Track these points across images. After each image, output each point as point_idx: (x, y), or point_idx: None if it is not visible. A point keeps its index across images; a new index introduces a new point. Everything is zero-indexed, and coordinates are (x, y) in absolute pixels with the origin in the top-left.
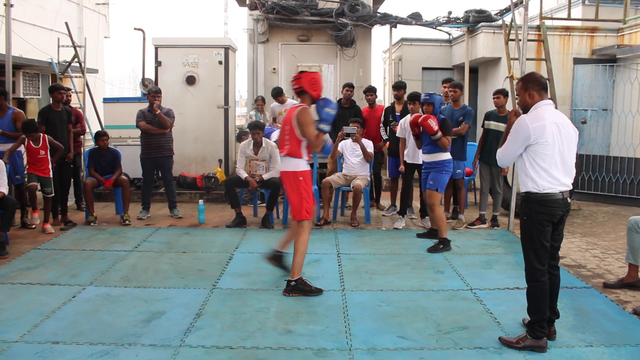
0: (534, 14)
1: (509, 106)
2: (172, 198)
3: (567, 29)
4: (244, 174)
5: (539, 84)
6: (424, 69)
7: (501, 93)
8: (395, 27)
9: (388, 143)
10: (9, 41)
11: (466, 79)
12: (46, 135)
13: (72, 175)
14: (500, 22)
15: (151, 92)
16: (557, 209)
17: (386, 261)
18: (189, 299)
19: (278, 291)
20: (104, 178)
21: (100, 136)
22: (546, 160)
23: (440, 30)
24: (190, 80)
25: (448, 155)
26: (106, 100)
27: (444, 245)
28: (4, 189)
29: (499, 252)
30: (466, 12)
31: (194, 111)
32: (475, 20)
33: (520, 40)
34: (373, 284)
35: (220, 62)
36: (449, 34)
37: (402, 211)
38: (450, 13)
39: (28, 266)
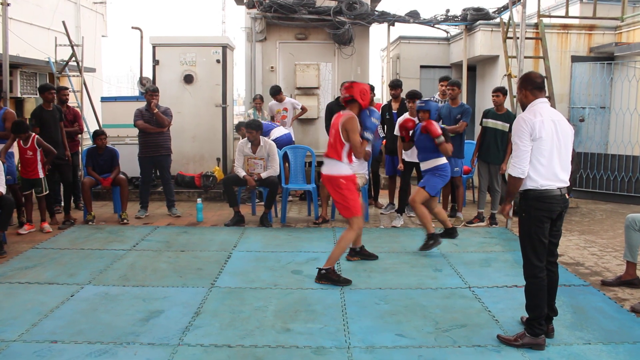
0: (531, 12)
1: (507, 104)
2: (170, 197)
3: (565, 26)
4: (242, 173)
5: (532, 84)
6: (421, 67)
7: (500, 91)
8: (393, 25)
9: (385, 141)
10: (6, 40)
11: (464, 77)
12: (36, 136)
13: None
14: (498, 20)
15: (149, 90)
16: (556, 205)
17: (384, 259)
18: (187, 297)
19: (276, 290)
20: (102, 177)
21: (98, 135)
22: (544, 157)
23: (438, 28)
24: (188, 79)
25: (444, 160)
26: (104, 99)
27: (434, 241)
28: (2, 188)
29: (497, 250)
30: (464, 10)
31: (191, 110)
32: (473, 18)
33: (518, 38)
34: (371, 282)
35: (218, 61)
36: (447, 32)
37: (400, 209)
38: (448, 11)
39: (26, 265)
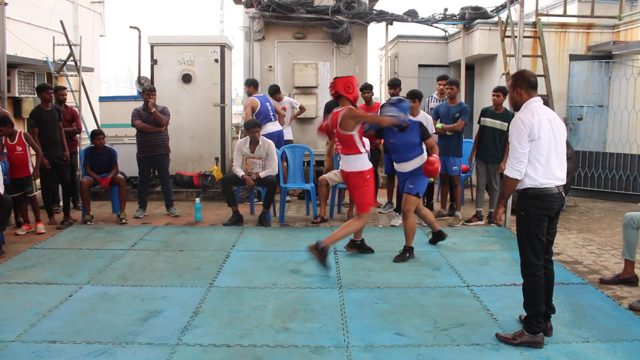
0: (529, 11)
1: (506, 104)
2: (168, 196)
3: (563, 25)
4: (240, 172)
5: (527, 82)
6: (420, 66)
7: (501, 91)
8: (391, 24)
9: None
10: (3, 40)
11: (462, 76)
12: (22, 131)
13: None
14: (496, 19)
15: (145, 90)
16: (554, 203)
17: (383, 258)
18: (186, 297)
19: (275, 289)
20: (100, 177)
21: (96, 135)
22: (543, 156)
23: (436, 27)
24: (187, 79)
25: (424, 158)
26: (102, 99)
27: (409, 254)
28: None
29: (496, 249)
30: (462, 9)
31: (190, 109)
32: (471, 17)
33: (516, 37)
34: (370, 281)
35: (217, 60)
36: (445, 31)
37: (398, 208)
38: (446, 10)
39: (24, 265)
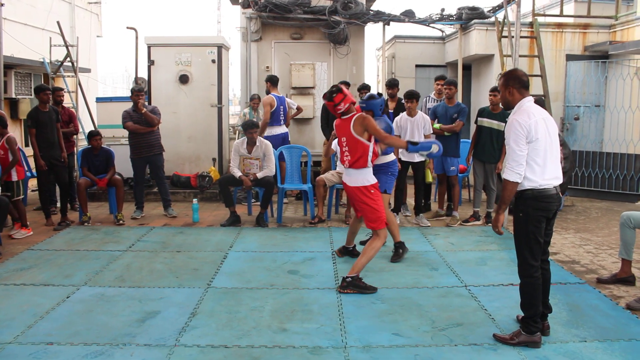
0: (526, 11)
1: None
2: (165, 197)
3: (560, 25)
4: (238, 173)
5: (520, 82)
6: (417, 66)
7: (498, 91)
8: (389, 24)
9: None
10: (0, 40)
11: (459, 76)
12: (8, 136)
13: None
14: (493, 19)
15: (134, 91)
16: (552, 204)
17: (380, 258)
18: (183, 298)
19: (273, 290)
20: (97, 178)
21: (93, 136)
22: (540, 157)
23: (433, 28)
24: (184, 79)
25: (393, 157)
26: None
27: (402, 250)
28: None
29: (493, 249)
30: (459, 9)
31: (187, 110)
32: (468, 18)
33: (513, 37)
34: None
35: (214, 61)
36: (442, 31)
37: (396, 208)
38: (443, 10)
39: (22, 267)
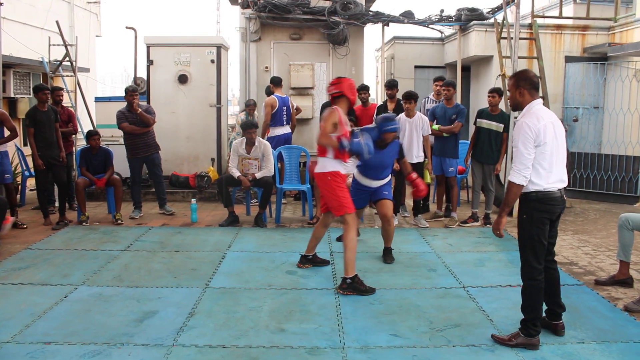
0: (525, 12)
1: (501, 105)
2: (162, 195)
3: (559, 27)
4: (236, 173)
5: (530, 83)
6: (416, 67)
7: (496, 92)
8: (388, 25)
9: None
10: None
11: (458, 77)
12: None
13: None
14: (492, 20)
15: (128, 91)
16: (557, 206)
17: (379, 259)
18: (181, 298)
19: (271, 290)
20: (96, 177)
21: (91, 135)
22: (546, 161)
23: (433, 29)
24: (183, 79)
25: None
26: (98, 100)
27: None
28: None
29: (492, 250)
30: (458, 10)
31: (186, 110)
32: (468, 19)
33: (512, 38)
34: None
35: (213, 61)
36: (441, 32)
37: (395, 209)
38: (442, 11)
39: (19, 266)
